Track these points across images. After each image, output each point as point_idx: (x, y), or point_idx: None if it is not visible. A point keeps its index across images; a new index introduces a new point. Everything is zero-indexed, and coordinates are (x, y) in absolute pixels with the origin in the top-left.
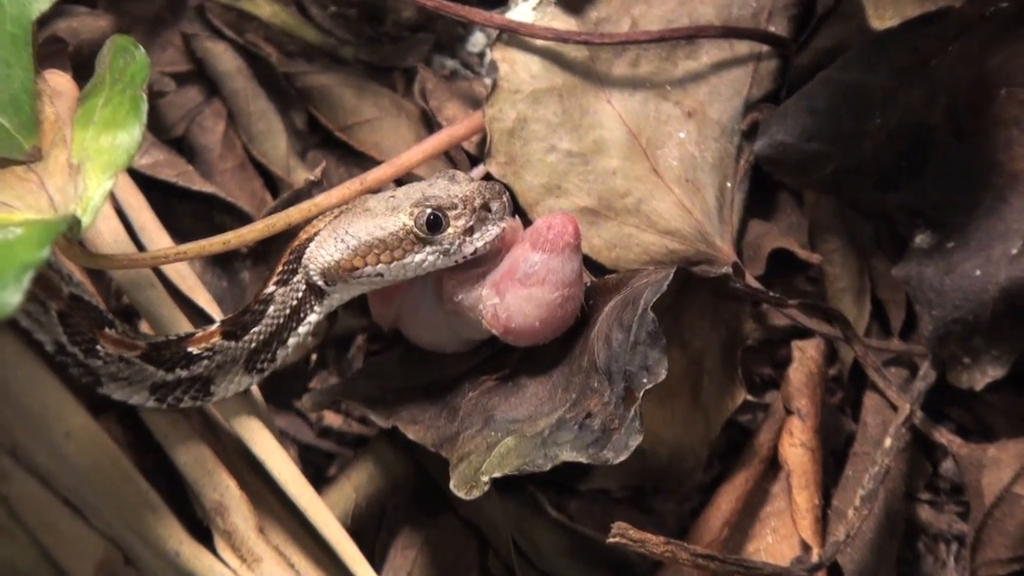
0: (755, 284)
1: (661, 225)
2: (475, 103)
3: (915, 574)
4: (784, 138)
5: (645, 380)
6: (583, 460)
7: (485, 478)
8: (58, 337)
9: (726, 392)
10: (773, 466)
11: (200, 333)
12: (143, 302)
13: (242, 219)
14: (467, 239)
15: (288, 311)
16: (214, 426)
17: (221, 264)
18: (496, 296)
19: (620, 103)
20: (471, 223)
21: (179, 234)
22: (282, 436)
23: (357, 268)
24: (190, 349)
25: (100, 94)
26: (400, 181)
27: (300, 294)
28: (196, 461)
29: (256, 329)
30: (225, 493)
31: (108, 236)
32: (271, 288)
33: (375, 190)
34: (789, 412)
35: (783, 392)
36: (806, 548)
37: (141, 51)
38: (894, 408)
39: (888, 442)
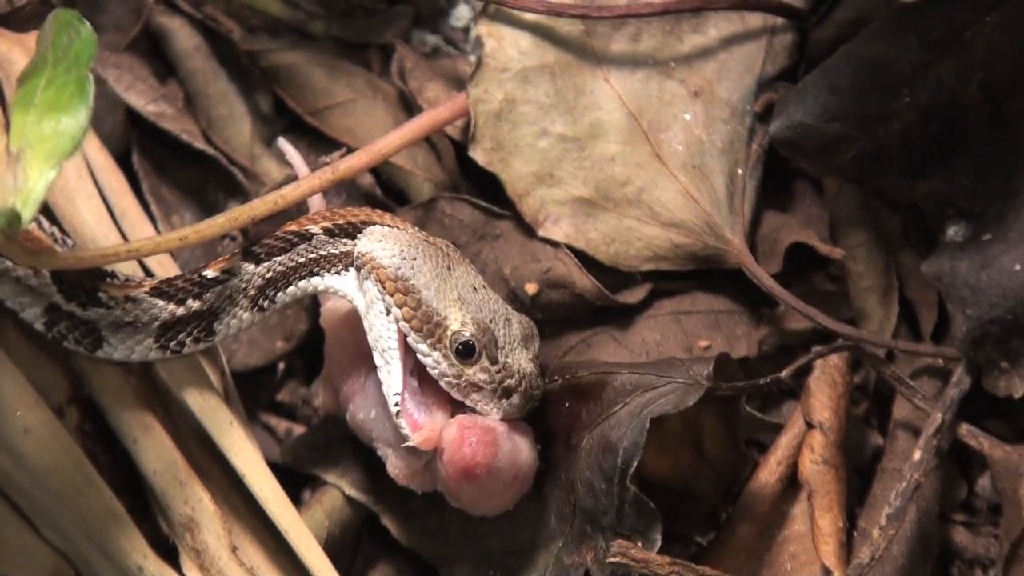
0: (772, 285)
1: (665, 216)
2: (459, 83)
3: None
4: (802, 118)
5: (640, 545)
6: None
7: None
8: (51, 299)
9: (732, 456)
10: (792, 485)
11: (216, 259)
12: None
13: (237, 192)
14: (468, 389)
15: (315, 256)
16: (188, 434)
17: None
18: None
19: (619, 82)
20: (485, 387)
21: (168, 209)
22: None
23: (384, 289)
24: (205, 273)
25: (42, 75)
26: (376, 171)
27: (337, 252)
28: (167, 470)
29: (280, 259)
30: (197, 507)
31: (90, 218)
32: (316, 228)
33: (350, 180)
34: (810, 426)
35: (803, 404)
36: (827, 573)
37: (87, 27)
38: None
39: (918, 455)
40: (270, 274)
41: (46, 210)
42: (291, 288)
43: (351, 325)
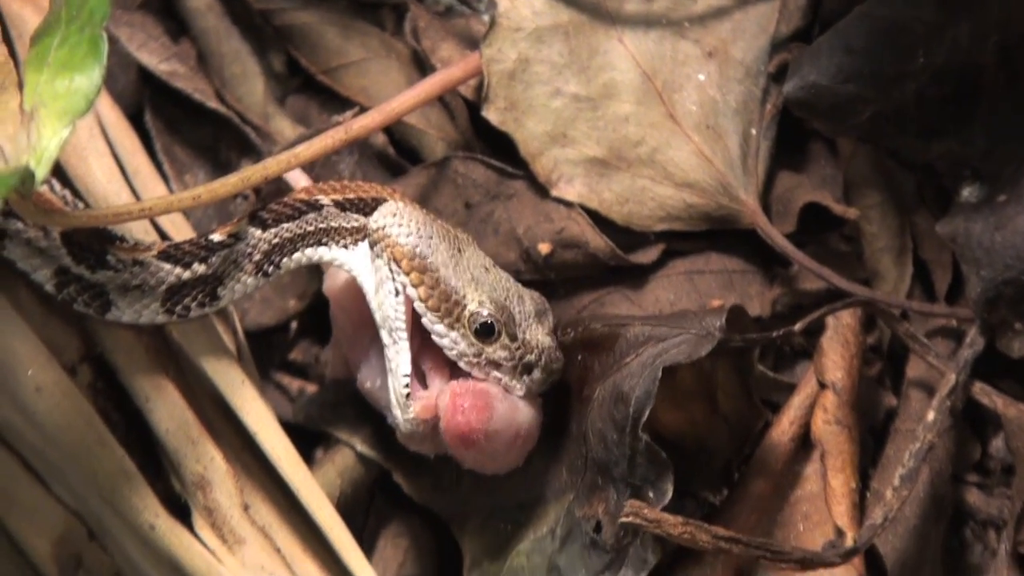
0: (785, 245)
1: (678, 177)
2: (472, 43)
3: (962, 563)
4: (817, 79)
5: (652, 495)
6: None
7: None
8: (61, 261)
9: (746, 411)
10: (805, 445)
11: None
12: None
13: (250, 151)
14: (488, 367)
15: (324, 227)
16: (200, 392)
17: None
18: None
19: (633, 42)
20: (506, 363)
21: (181, 168)
22: None
23: (400, 269)
24: (212, 237)
25: (55, 33)
26: (390, 130)
27: (348, 225)
28: (179, 428)
29: (287, 225)
30: (209, 466)
31: (101, 176)
32: (326, 200)
33: (362, 139)
34: (823, 386)
35: (816, 364)
36: (841, 535)
37: None
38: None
39: (931, 416)
40: (276, 240)
41: (59, 172)
42: (297, 255)
43: (353, 293)
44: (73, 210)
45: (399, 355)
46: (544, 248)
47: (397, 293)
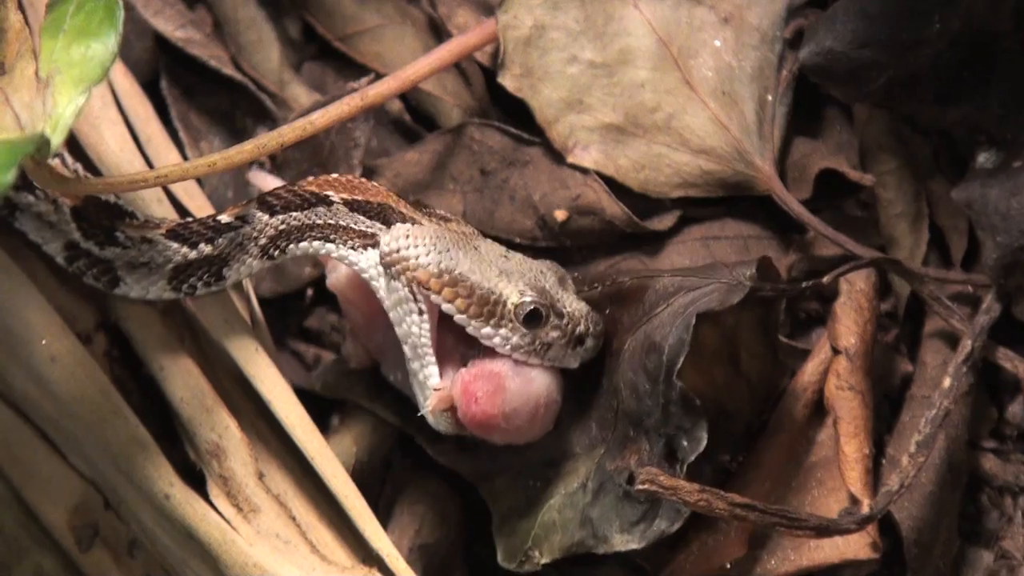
0: (801, 212)
1: (694, 143)
2: (488, 9)
3: (978, 529)
4: (833, 45)
5: (686, 444)
6: (636, 546)
7: (536, 554)
8: (71, 236)
9: (769, 370)
10: (819, 411)
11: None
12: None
13: (266, 118)
14: (542, 350)
15: (332, 223)
16: (215, 361)
17: (236, 187)
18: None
19: (648, 8)
20: (558, 342)
21: (196, 135)
22: None
23: (429, 289)
24: (220, 217)
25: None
26: (405, 96)
27: (356, 228)
28: (194, 397)
29: (295, 214)
30: (224, 434)
31: (114, 144)
32: (336, 197)
33: (378, 106)
34: (836, 351)
35: (830, 329)
36: (854, 501)
37: None
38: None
39: (947, 382)
40: (283, 226)
41: (71, 141)
42: (304, 244)
43: (356, 286)
44: (89, 179)
45: (425, 368)
46: (560, 215)
47: (421, 312)
